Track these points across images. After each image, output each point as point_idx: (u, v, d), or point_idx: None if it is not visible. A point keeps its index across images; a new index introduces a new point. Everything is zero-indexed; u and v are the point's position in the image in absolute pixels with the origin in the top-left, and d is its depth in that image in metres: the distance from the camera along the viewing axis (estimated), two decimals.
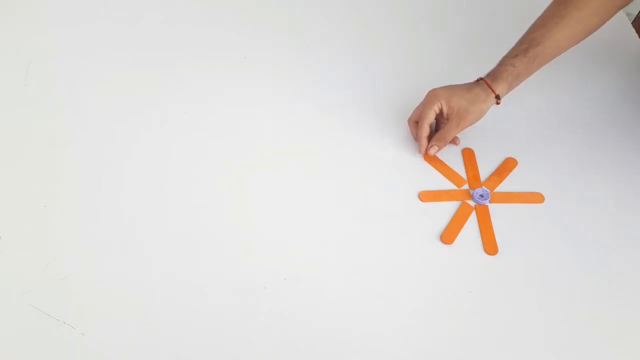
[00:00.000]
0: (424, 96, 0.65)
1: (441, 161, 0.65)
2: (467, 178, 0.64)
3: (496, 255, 0.58)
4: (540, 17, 0.64)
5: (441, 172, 0.64)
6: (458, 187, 0.63)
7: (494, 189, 0.63)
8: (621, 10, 0.82)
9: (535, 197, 0.62)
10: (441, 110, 0.63)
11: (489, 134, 0.68)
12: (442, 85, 0.64)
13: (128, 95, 0.70)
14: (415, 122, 0.66)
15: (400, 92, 0.72)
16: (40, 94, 0.69)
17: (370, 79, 0.73)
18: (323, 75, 0.74)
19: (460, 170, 0.64)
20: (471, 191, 0.63)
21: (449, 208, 0.61)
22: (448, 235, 0.59)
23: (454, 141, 0.66)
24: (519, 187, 0.63)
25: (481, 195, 0.61)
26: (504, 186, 0.63)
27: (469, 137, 0.67)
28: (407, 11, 0.83)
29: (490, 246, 0.58)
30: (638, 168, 0.65)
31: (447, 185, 0.63)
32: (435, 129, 0.67)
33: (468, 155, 0.66)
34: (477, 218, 0.61)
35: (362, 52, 0.77)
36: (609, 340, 0.53)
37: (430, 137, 0.65)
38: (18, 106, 0.68)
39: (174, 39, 0.77)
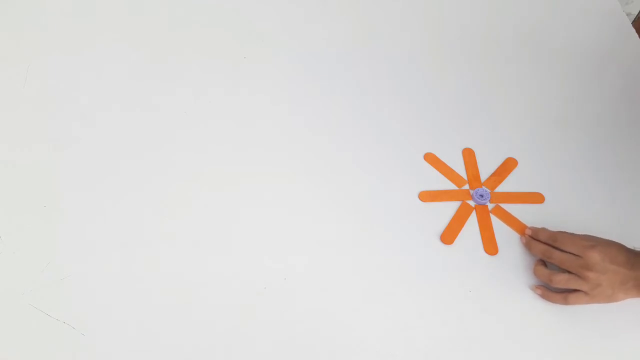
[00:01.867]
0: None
1: (441, 161, 0.65)
2: (467, 178, 0.64)
3: (496, 255, 0.58)
4: None
5: (441, 172, 0.64)
6: (458, 187, 0.63)
7: (494, 189, 0.63)
8: (621, 10, 0.83)
9: (535, 197, 0.62)
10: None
11: (489, 134, 0.68)
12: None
13: (128, 95, 0.70)
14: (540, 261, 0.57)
15: (403, 92, 0.72)
16: (40, 94, 0.69)
17: (373, 81, 0.73)
18: (323, 77, 0.73)
19: (460, 170, 0.64)
20: (471, 191, 0.63)
21: (449, 208, 0.61)
22: (448, 235, 0.59)
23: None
24: (519, 187, 0.63)
25: (481, 195, 0.61)
26: (504, 186, 0.63)
27: (469, 137, 0.67)
28: (415, 15, 0.83)
29: (490, 246, 0.58)
30: (638, 168, 0.65)
31: (447, 185, 0.63)
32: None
33: (468, 155, 0.66)
34: (477, 218, 0.61)
35: (364, 53, 0.77)
36: (609, 340, 0.53)
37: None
38: (18, 106, 0.68)
39: (177, 37, 0.77)
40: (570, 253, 0.54)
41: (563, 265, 0.54)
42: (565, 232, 0.56)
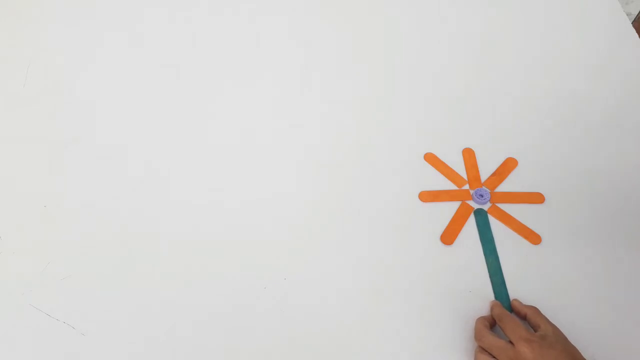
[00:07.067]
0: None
1: (441, 161, 0.65)
2: (467, 178, 0.64)
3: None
4: None
5: (441, 172, 0.64)
6: (458, 187, 0.63)
7: (494, 189, 0.63)
8: (621, 10, 0.83)
9: (535, 197, 0.62)
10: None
11: (489, 134, 0.68)
12: None
13: (129, 94, 0.70)
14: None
15: (403, 91, 0.72)
16: (40, 94, 0.69)
17: (373, 81, 0.73)
18: (324, 78, 0.74)
19: (461, 170, 0.64)
20: (471, 191, 0.63)
21: (449, 208, 0.61)
22: (448, 236, 0.59)
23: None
24: (519, 187, 0.63)
25: (481, 195, 0.61)
26: (504, 186, 0.63)
27: (469, 137, 0.67)
28: (415, 15, 0.83)
29: None
30: (639, 168, 0.65)
31: (447, 185, 0.63)
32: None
33: (468, 155, 0.66)
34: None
35: (364, 54, 0.77)
36: (610, 340, 0.53)
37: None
38: (18, 106, 0.68)
39: (177, 36, 0.77)
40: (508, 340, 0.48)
41: (491, 351, 0.48)
42: (512, 317, 0.51)
